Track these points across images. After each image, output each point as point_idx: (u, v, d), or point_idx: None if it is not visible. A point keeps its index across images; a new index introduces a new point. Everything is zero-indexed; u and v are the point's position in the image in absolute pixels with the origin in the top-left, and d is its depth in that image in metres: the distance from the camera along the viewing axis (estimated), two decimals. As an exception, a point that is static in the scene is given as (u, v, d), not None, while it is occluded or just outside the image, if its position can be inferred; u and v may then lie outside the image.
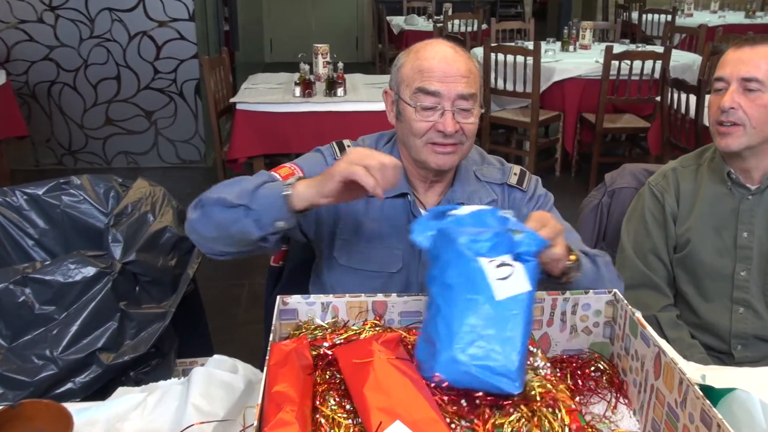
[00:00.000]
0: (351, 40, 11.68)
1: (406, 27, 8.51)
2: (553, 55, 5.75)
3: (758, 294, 1.79)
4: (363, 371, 1.06)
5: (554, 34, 8.56)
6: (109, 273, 1.69)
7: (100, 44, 5.47)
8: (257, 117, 4.18)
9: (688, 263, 1.85)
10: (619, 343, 1.31)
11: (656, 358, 1.14)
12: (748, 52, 1.70)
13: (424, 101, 1.51)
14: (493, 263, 1.11)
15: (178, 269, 1.89)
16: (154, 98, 5.66)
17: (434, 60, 1.51)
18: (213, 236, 1.43)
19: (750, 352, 1.80)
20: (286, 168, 1.58)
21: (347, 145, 1.66)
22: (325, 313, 1.31)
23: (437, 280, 1.13)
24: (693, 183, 1.87)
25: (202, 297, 2.15)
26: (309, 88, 4.25)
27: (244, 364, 1.36)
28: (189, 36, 5.54)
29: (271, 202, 1.35)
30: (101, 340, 1.66)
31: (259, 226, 1.36)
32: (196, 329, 2.11)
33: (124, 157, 5.80)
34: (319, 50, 4.66)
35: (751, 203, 1.79)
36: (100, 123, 5.67)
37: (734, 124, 1.70)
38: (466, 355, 1.07)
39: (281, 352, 1.12)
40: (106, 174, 1.97)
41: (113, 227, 1.80)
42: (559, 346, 1.37)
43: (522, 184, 1.67)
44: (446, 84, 1.49)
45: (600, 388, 1.28)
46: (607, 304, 1.34)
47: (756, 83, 1.68)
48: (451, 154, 1.54)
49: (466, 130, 1.53)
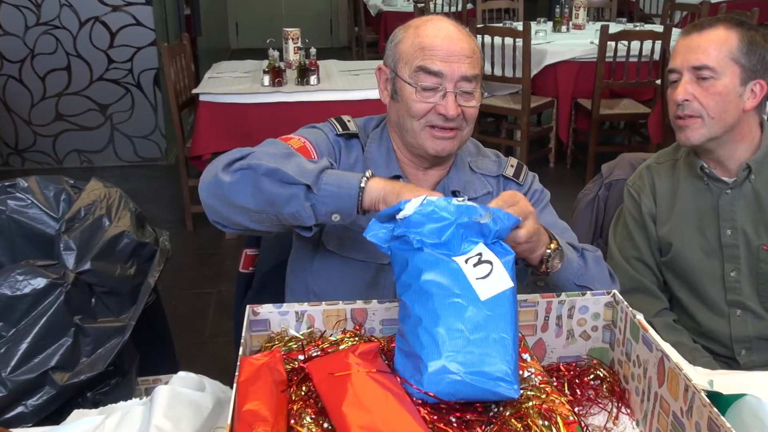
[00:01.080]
0: (324, 24, 11.68)
1: (385, 8, 8.52)
2: (545, 36, 5.78)
3: (752, 294, 1.81)
4: (340, 386, 1.06)
5: (545, 14, 8.60)
6: (62, 284, 1.67)
7: (47, 32, 5.42)
8: (223, 109, 4.17)
9: (675, 267, 1.88)
10: (620, 348, 1.32)
11: (659, 364, 1.15)
12: (696, 38, 1.73)
13: (426, 81, 1.52)
14: (470, 262, 1.12)
15: (138, 278, 1.88)
16: (109, 90, 5.62)
17: (437, 38, 1.52)
18: (246, 207, 1.37)
19: (756, 355, 1.82)
20: (296, 139, 1.58)
21: (347, 120, 1.67)
22: (299, 323, 1.31)
23: (411, 288, 1.13)
24: (670, 180, 1.90)
25: (166, 308, 2.13)
26: (279, 77, 4.24)
27: (211, 381, 1.35)
28: (146, 21, 5.50)
29: (341, 192, 1.32)
30: (54, 359, 1.64)
31: (315, 212, 1.33)
32: (159, 344, 2.10)
33: (77, 156, 5.75)
34: (289, 35, 4.66)
35: (731, 198, 1.81)
36: (49, 119, 5.63)
37: (691, 116, 1.72)
38: (456, 364, 1.07)
39: (252, 367, 1.12)
40: (56, 175, 1.95)
41: (65, 234, 1.78)
42: (555, 353, 1.37)
43: (519, 177, 1.69)
44: (450, 64, 1.50)
45: (600, 398, 1.29)
46: (606, 306, 1.35)
47: (708, 71, 1.70)
48: (450, 140, 1.56)
49: (467, 114, 1.55)
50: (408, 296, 1.13)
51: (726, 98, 1.70)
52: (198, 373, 1.37)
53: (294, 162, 1.36)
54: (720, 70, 1.69)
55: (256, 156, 1.39)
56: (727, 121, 1.72)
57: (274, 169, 1.34)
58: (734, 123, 1.73)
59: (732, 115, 1.72)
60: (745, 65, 1.70)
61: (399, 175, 1.62)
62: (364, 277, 1.60)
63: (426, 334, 1.09)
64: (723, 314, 1.83)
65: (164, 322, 2.15)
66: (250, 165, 1.37)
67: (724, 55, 1.69)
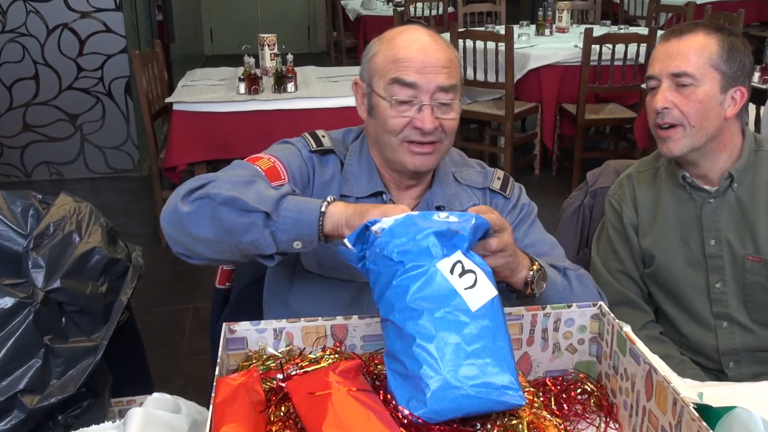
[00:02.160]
0: (302, 29, 11.70)
1: (364, 12, 8.54)
2: (528, 39, 5.82)
3: (738, 306, 1.82)
4: (320, 406, 1.06)
5: (528, 17, 8.65)
6: (31, 303, 1.66)
7: (13, 39, 5.40)
8: (197, 118, 4.16)
9: (659, 278, 1.89)
10: (607, 362, 1.33)
11: (647, 377, 1.16)
12: (675, 44, 1.73)
13: (400, 94, 1.51)
14: (455, 272, 1.12)
15: (110, 296, 1.87)
16: (79, 100, 5.60)
17: (411, 49, 1.52)
18: (205, 238, 1.36)
19: (745, 368, 1.83)
20: (265, 159, 1.56)
21: (322, 136, 1.66)
22: (278, 341, 1.31)
23: (397, 307, 1.12)
24: (651, 189, 1.91)
25: (140, 325, 2.12)
26: (255, 84, 4.24)
27: (187, 402, 1.35)
28: (116, 28, 5.49)
29: (301, 218, 1.30)
30: (23, 381, 1.62)
31: (276, 240, 1.31)
32: (133, 363, 2.08)
33: (46, 168, 5.72)
34: (265, 41, 4.66)
35: (713, 207, 1.82)
36: (16, 130, 5.59)
37: (672, 125, 1.73)
38: (459, 378, 1.06)
39: (229, 387, 1.12)
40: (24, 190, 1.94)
41: (33, 251, 1.77)
42: (541, 367, 1.38)
43: (505, 190, 1.68)
44: (424, 75, 1.50)
45: (588, 413, 1.29)
46: (593, 319, 1.36)
47: (687, 78, 1.70)
48: (430, 155, 1.55)
49: (446, 126, 1.53)
50: (396, 316, 1.12)
51: (707, 106, 1.71)
52: (174, 393, 1.36)
53: (254, 189, 1.35)
54: (700, 77, 1.70)
55: (215, 184, 1.38)
56: (709, 130, 1.73)
57: (232, 197, 1.32)
58: (716, 132, 1.74)
59: (713, 123, 1.72)
60: (726, 72, 1.71)
61: (381, 191, 1.61)
62: (345, 297, 1.59)
63: (422, 352, 1.08)
64: (709, 327, 1.85)
65: (138, 341, 2.13)
66: (208, 194, 1.35)
67: (704, 62, 1.70)
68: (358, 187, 1.61)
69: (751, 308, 1.81)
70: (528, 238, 1.63)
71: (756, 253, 1.78)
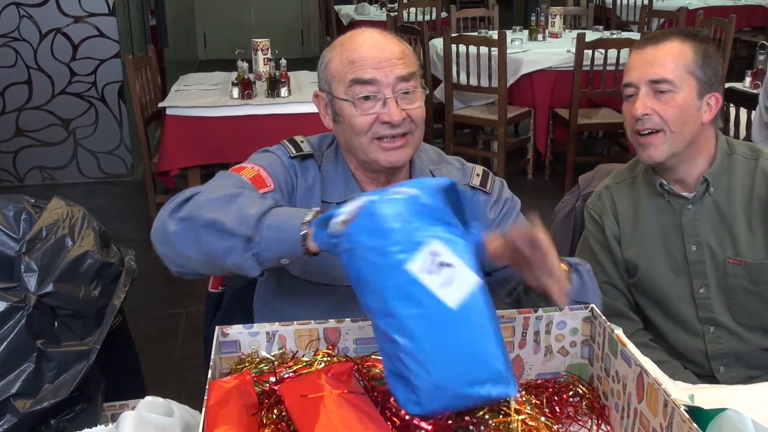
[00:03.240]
0: (295, 33, 11.70)
1: (357, 17, 8.56)
2: (521, 45, 5.83)
3: (723, 310, 1.84)
4: (313, 409, 1.06)
5: (521, 22, 8.68)
6: (23, 307, 1.66)
7: (6, 44, 5.39)
8: (190, 123, 4.16)
9: (644, 287, 1.90)
10: (599, 364, 1.33)
11: (638, 379, 1.17)
12: (651, 52, 1.75)
13: (361, 92, 1.52)
14: (425, 268, 1.07)
15: (103, 300, 1.86)
16: (72, 104, 5.59)
17: (363, 47, 1.53)
18: (191, 257, 1.34)
19: (735, 371, 1.84)
20: (249, 168, 1.55)
21: (300, 141, 1.66)
22: (270, 344, 1.31)
23: (376, 311, 1.10)
24: (630, 199, 1.92)
25: (133, 329, 2.12)
26: (248, 89, 4.25)
27: (180, 406, 1.35)
28: (110, 32, 5.49)
29: (283, 237, 1.26)
30: (16, 385, 1.62)
31: (259, 261, 1.28)
32: (125, 367, 2.08)
33: (39, 173, 5.71)
34: (258, 46, 4.66)
35: (692, 213, 1.83)
36: (9, 134, 5.58)
37: (652, 131, 1.75)
38: (446, 378, 1.06)
39: (222, 390, 1.12)
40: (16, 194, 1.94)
41: (26, 255, 1.77)
42: (533, 369, 1.39)
43: (486, 185, 1.68)
44: (381, 69, 1.51)
45: (580, 415, 1.30)
46: (584, 321, 1.36)
47: (666, 84, 1.72)
48: (403, 148, 1.55)
49: (414, 116, 1.54)
50: (378, 319, 1.11)
51: (685, 111, 1.73)
52: (167, 397, 1.36)
53: (236, 206, 1.32)
54: (678, 83, 1.72)
55: (198, 201, 1.35)
56: (687, 135, 1.75)
57: (211, 220, 1.30)
58: (693, 137, 1.76)
59: (691, 129, 1.75)
60: (701, 78, 1.74)
61: None
62: (332, 302, 1.59)
63: (408, 357, 1.07)
64: (697, 332, 1.86)
65: (131, 345, 2.13)
66: (190, 216, 1.33)
67: (681, 68, 1.72)
68: (336, 193, 1.62)
69: (735, 311, 1.82)
70: None
71: (736, 256, 1.80)
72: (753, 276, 1.79)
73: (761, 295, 1.80)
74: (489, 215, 1.65)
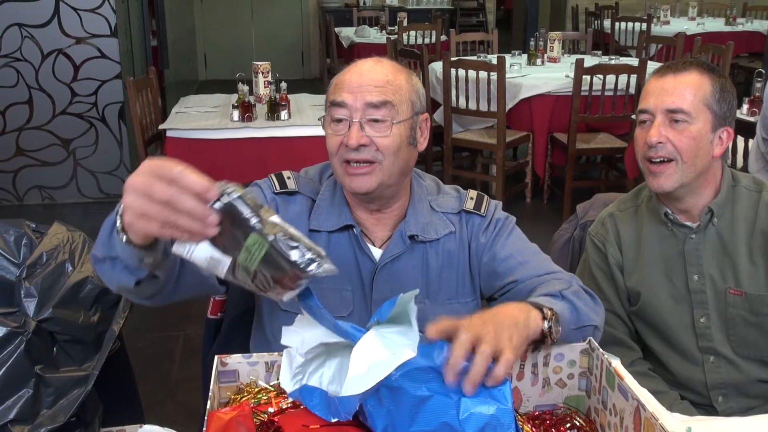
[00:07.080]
0: (296, 55, 11.76)
1: (357, 40, 8.61)
2: (519, 69, 5.87)
3: (723, 340, 1.84)
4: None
5: (520, 46, 8.74)
6: (22, 333, 1.66)
7: (8, 64, 5.42)
8: (190, 145, 4.18)
9: (646, 316, 1.90)
10: (596, 396, 1.34)
11: (635, 413, 1.17)
12: (671, 81, 1.76)
13: (335, 114, 1.55)
14: None
15: (102, 326, 1.86)
16: (72, 125, 5.61)
17: (350, 72, 1.57)
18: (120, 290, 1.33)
19: (734, 402, 1.85)
20: None
21: (287, 177, 1.67)
22: (269, 374, 1.31)
23: None
24: (633, 227, 1.93)
25: (131, 353, 2.12)
26: (248, 112, 4.26)
27: (177, 435, 1.35)
28: (111, 54, 5.52)
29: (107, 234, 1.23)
30: (13, 411, 1.62)
31: (130, 271, 1.22)
32: (123, 393, 2.08)
33: (38, 193, 5.72)
34: (259, 68, 4.69)
35: (695, 242, 1.84)
36: (9, 154, 5.60)
37: (664, 160, 1.75)
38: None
39: (220, 422, 1.12)
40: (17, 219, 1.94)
41: (26, 280, 1.77)
42: (531, 401, 1.38)
43: (480, 208, 1.69)
44: (354, 94, 1.53)
45: (577, 448, 1.30)
46: (582, 354, 1.37)
47: (682, 114, 1.73)
48: (367, 176, 1.54)
49: (380, 145, 1.52)
50: None
51: (699, 143, 1.74)
52: (165, 420, 1.37)
53: (103, 231, 1.27)
54: (695, 114, 1.73)
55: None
56: (698, 167, 1.76)
57: (92, 255, 1.30)
58: (704, 169, 1.77)
59: (702, 161, 1.76)
60: (717, 112, 1.75)
61: (351, 225, 1.62)
62: None
63: None
64: (696, 362, 1.86)
65: (129, 370, 2.13)
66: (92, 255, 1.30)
67: (699, 100, 1.73)
68: (329, 221, 1.63)
69: (734, 342, 1.83)
70: (504, 251, 1.64)
71: (737, 287, 1.81)
72: (753, 307, 1.80)
73: (761, 327, 1.81)
74: (481, 239, 1.66)
